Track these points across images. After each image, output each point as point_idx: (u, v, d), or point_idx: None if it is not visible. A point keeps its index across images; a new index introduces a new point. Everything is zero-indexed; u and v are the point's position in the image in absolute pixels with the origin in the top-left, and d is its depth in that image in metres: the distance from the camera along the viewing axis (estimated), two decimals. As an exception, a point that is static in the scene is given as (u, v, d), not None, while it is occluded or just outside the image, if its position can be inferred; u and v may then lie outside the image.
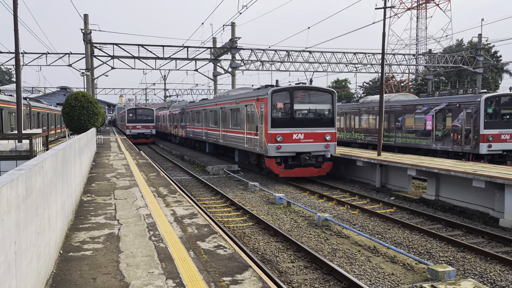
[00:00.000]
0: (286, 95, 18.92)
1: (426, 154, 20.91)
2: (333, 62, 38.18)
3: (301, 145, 18.71)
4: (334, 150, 19.47)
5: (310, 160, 18.87)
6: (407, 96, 25.86)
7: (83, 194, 10.57)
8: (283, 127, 18.54)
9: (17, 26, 16.35)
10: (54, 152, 5.76)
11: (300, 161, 18.80)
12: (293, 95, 18.88)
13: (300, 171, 18.88)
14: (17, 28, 16.34)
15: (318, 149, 18.91)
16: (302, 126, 18.77)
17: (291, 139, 18.57)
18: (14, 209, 3.15)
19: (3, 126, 20.88)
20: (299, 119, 19.03)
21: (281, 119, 18.72)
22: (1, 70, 78.58)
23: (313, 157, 18.98)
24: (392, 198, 16.00)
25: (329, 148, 19.08)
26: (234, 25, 35.04)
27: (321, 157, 19.13)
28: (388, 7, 17.13)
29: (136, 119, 44.34)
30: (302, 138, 18.71)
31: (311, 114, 19.44)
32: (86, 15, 32.58)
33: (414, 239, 10.54)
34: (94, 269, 5.33)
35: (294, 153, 18.72)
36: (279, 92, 18.84)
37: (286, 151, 18.51)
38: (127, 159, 19.19)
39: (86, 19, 32.54)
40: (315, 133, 18.89)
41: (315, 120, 19.19)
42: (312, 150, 18.85)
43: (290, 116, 18.83)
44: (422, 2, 59.48)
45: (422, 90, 49.11)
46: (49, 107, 37.00)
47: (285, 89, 19.20)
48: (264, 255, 9.22)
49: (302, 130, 18.70)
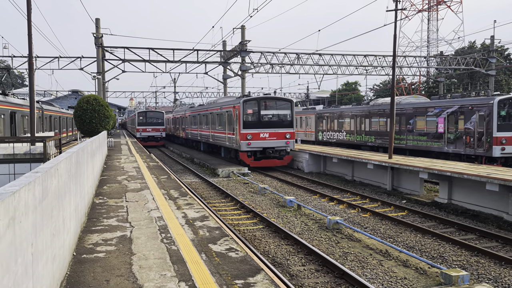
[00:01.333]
0: (255, 103, 23.77)
1: (438, 157, 20.74)
2: (343, 65, 38.08)
3: (267, 142, 23.55)
4: (293, 146, 24.28)
5: (273, 153, 23.86)
6: (418, 98, 25.67)
7: (95, 196, 10.65)
8: (253, 128, 23.39)
9: (30, 30, 16.56)
10: (68, 155, 5.82)
11: (266, 154, 23.75)
12: (260, 103, 23.88)
13: (266, 162, 23.92)
14: (31, 33, 16.54)
15: (280, 145, 23.79)
16: (267, 127, 23.62)
17: (259, 137, 23.40)
18: (31, 211, 3.19)
19: (16, 129, 21.13)
20: (265, 122, 23.80)
21: (251, 122, 23.54)
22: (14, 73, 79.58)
23: (276, 151, 23.90)
24: (404, 201, 15.89)
25: (289, 144, 23.94)
26: (244, 28, 35.12)
27: (283, 151, 24.06)
28: (399, 9, 17.05)
29: (146, 122, 44.59)
30: (267, 137, 23.56)
31: (274, 118, 24.15)
32: (98, 19, 32.88)
33: (426, 243, 10.45)
34: (107, 271, 5.37)
35: (261, 148, 23.59)
36: (249, 101, 23.69)
37: (255, 146, 23.39)
38: (137, 162, 19.30)
39: (98, 23, 32.85)
40: (277, 132, 23.71)
41: (278, 122, 23.99)
42: (275, 145, 23.70)
43: (258, 119, 23.62)
44: (433, 4, 59.11)
45: (434, 93, 48.75)
46: (61, 110, 37.39)
47: (254, 99, 24.08)
48: (275, 258, 9.21)
49: (267, 130, 23.58)
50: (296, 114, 38.18)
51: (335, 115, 31.24)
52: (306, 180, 21.03)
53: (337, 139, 30.79)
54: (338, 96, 74.11)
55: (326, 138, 32.47)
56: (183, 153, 33.87)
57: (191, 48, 35.08)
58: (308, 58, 37.19)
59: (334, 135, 31.26)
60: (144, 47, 33.84)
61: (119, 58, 34.27)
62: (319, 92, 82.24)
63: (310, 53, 36.93)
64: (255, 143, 23.27)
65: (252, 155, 23.71)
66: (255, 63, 36.48)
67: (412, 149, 23.03)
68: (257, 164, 23.78)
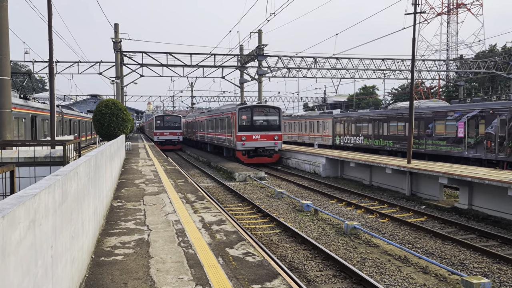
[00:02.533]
0: (249, 111, 28.13)
1: (458, 162, 20.39)
2: (360, 69, 37.83)
3: (258, 142, 27.72)
4: (281, 146, 28.49)
5: (264, 152, 28.10)
6: (438, 102, 25.33)
7: (113, 199, 10.75)
8: (246, 131, 27.59)
9: (51, 36, 16.87)
10: (87, 158, 5.87)
11: (257, 152, 27.94)
12: (253, 110, 28.23)
13: (258, 159, 28.10)
14: (52, 38, 16.85)
15: (269, 145, 28.00)
16: (258, 130, 27.83)
17: (252, 138, 27.57)
18: (51, 214, 3.22)
19: (37, 133, 21.51)
20: (257, 126, 27.94)
21: (245, 126, 27.72)
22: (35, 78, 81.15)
23: (266, 150, 28.13)
24: (423, 206, 15.65)
25: (277, 144, 28.16)
26: (261, 33, 35.18)
27: (272, 150, 28.29)
28: (418, 13, 16.86)
29: (163, 126, 44.93)
30: (259, 138, 27.72)
31: (264, 122, 28.26)
32: (117, 24, 33.34)
33: (446, 249, 10.26)
34: (125, 274, 5.39)
35: (253, 148, 27.77)
36: (243, 109, 28.19)
37: (248, 146, 27.55)
38: (155, 166, 19.44)
39: (117, 28, 33.30)
40: (267, 135, 27.93)
41: (267, 126, 28.15)
42: (265, 146, 27.92)
43: (251, 124, 27.85)
44: (453, 7, 58.33)
45: (453, 97, 48.07)
46: (80, 114, 37.95)
47: (248, 107, 28.48)
48: (292, 263, 9.14)
49: (258, 133, 27.77)
50: (312, 118, 38.23)
51: (353, 119, 31.01)
52: (323, 185, 20.90)
53: (355, 144, 30.54)
54: (355, 100, 73.63)
55: (343, 143, 32.23)
56: (200, 157, 34.04)
57: (209, 53, 35.28)
58: (325, 62, 37.06)
59: (352, 140, 31.02)
60: (162, 52, 34.15)
61: (137, 63, 34.67)
62: (336, 96, 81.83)
63: (327, 57, 36.79)
64: (248, 143, 27.50)
65: (246, 153, 27.88)
66: (272, 67, 36.51)
67: (431, 154, 22.70)
68: (250, 161, 27.95)
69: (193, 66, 35.39)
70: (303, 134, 40.53)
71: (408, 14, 17.84)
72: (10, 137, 11.25)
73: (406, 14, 18.19)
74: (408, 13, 17.82)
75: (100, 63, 35.86)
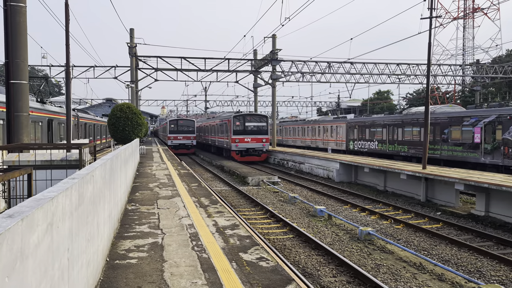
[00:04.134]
0: (242, 118, 33.91)
1: (474, 168, 20.09)
2: (375, 73, 37.61)
3: (249, 144, 33.51)
4: (268, 147, 34.48)
5: (253, 152, 33.94)
6: (454, 107, 25.03)
7: (127, 203, 10.82)
8: (240, 135, 33.38)
9: (68, 40, 17.12)
10: (103, 162, 5.92)
11: (248, 152, 33.73)
12: (245, 118, 34.01)
13: (249, 158, 33.81)
14: (69, 43, 17.10)
15: (258, 146, 33.84)
16: (249, 134, 33.58)
17: (244, 141, 33.35)
18: (68, 216, 3.25)
19: (53, 136, 21.80)
20: (248, 131, 33.68)
21: (239, 130, 33.56)
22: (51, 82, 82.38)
23: (255, 151, 33.93)
24: (438, 213, 15.44)
25: (265, 146, 34.00)
26: (275, 37, 35.24)
27: (260, 151, 34.14)
28: (434, 17, 16.71)
29: (177, 130, 45.15)
30: (250, 141, 33.50)
31: (255, 128, 33.87)
32: (132, 29, 33.71)
33: (462, 257, 10.10)
34: (139, 277, 5.41)
35: (245, 149, 33.53)
36: (237, 116, 34.13)
37: (241, 147, 33.36)
38: (169, 169, 19.54)
39: (132, 33, 33.67)
40: (257, 138, 33.69)
41: (257, 131, 33.86)
42: (255, 147, 33.72)
43: (243, 129, 33.62)
44: (469, 11, 57.71)
45: (469, 102, 47.47)
46: (95, 118, 38.38)
47: (241, 115, 34.50)
48: (305, 269, 9.09)
49: (249, 136, 33.54)
50: (326, 123, 38.10)
51: (367, 124, 30.81)
52: (336, 190, 20.77)
53: (369, 149, 30.32)
54: (369, 105, 73.18)
55: (357, 148, 32.03)
56: (213, 161, 34.15)
57: (223, 57, 35.46)
58: (339, 66, 36.94)
59: (366, 145, 30.80)
60: (176, 56, 34.43)
61: (152, 67, 34.98)
62: (350, 101, 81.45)
63: (341, 61, 36.67)
64: (241, 145, 33.26)
65: (239, 153, 33.58)
66: (285, 71, 36.51)
67: (446, 160, 22.42)
68: (242, 159, 33.48)
69: (207, 70, 35.59)
70: (316, 138, 40.38)
71: (424, 18, 17.71)
72: (27, 140, 11.42)
73: (422, 18, 18.05)
74: (424, 18, 17.68)
75: (115, 68, 36.26)
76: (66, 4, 16.67)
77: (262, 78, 38.70)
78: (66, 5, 16.67)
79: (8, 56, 10.78)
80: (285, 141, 49.82)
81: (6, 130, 11.35)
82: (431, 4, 16.74)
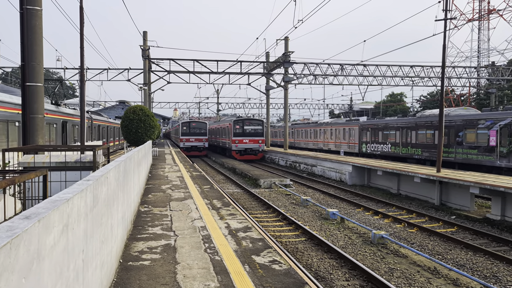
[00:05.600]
0: (241, 122, 38.95)
1: (489, 171, 19.81)
2: (388, 76, 37.35)
3: (247, 145, 38.67)
4: (264, 148, 39.46)
5: (251, 152, 39.03)
6: (468, 110, 24.72)
7: (140, 204, 10.88)
8: (239, 136, 38.50)
9: (83, 44, 17.29)
10: (117, 164, 5.95)
11: (247, 152, 38.84)
12: (244, 122, 39.01)
13: (247, 156, 38.83)
14: (83, 46, 17.27)
15: (255, 147, 38.93)
16: (247, 136, 38.63)
17: (242, 142, 38.52)
18: (83, 218, 3.26)
19: (67, 138, 22.04)
20: (246, 133, 38.72)
21: (238, 133, 38.57)
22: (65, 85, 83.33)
23: (252, 150, 39.06)
24: (453, 217, 15.25)
25: (261, 146, 38.98)
26: (288, 40, 35.21)
27: (257, 150, 39.22)
28: (449, 19, 16.54)
29: (189, 132, 45.31)
30: (248, 142, 38.60)
31: (252, 130, 38.89)
32: (145, 32, 33.95)
33: (478, 261, 9.95)
34: (153, 279, 5.42)
35: (244, 149, 38.70)
36: (237, 121, 39.15)
37: (240, 147, 38.51)
38: (181, 171, 19.61)
39: (145, 36, 33.91)
40: (254, 139, 38.76)
41: (254, 133, 38.92)
42: (252, 147, 38.83)
43: (242, 131, 38.63)
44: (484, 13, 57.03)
45: (485, 105, 46.86)
46: (108, 120, 38.70)
47: (240, 120, 39.43)
48: (318, 272, 9.03)
49: (247, 138, 38.59)
50: (338, 125, 37.97)
51: (380, 127, 30.58)
52: (349, 193, 20.64)
53: (382, 152, 30.09)
54: (382, 107, 72.68)
55: (370, 150, 31.81)
56: (225, 163, 34.22)
57: (235, 60, 35.52)
58: (352, 69, 36.76)
59: (379, 147, 30.58)
60: (189, 59, 34.59)
61: (164, 70, 35.18)
62: (362, 104, 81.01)
63: (354, 63, 36.49)
64: (240, 145, 38.51)
65: (238, 152, 38.79)
66: (298, 74, 36.45)
67: (461, 163, 22.14)
68: (241, 158, 38.63)
69: (219, 73, 35.69)
70: (328, 141, 40.21)
71: (438, 20, 17.53)
72: (42, 142, 11.54)
73: (436, 20, 17.87)
74: (438, 19, 17.51)
75: (128, 70, 36.56)
76: (81, 8, 16.85)
77: (274, 81, 38.68)
78: (81, 8, 16.84)
79: (24, 58, 10.92)
80: (297, 144, 49.71)
81: (21, 131, 11.50)
82: (446, 5, 16.57)
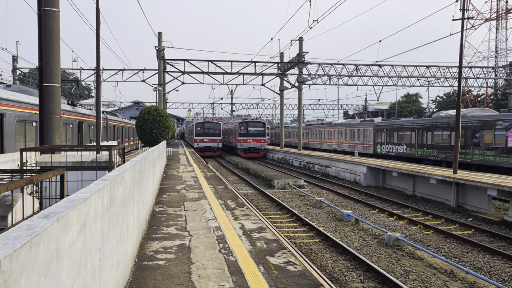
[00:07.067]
0: (246, 124, 43.66)
1: (507, 173, 19.47)
2: (403, 76, 36.99)
3: (251, 144, 43.43)
4: (266, 146, 44.67)
5: (254, 150, 43.62)
6: (486, 111, 24.35)
7: (155, 204, 10.94)
8: (244, 136, 43.26)
9: (99, 45, 17.47)
10: (133, 163, 5.99)
11: (250, 150, 43.49)
12: (248, 124, 43.82)
13: (250, 154, 43.45)
14: (99, 47, 17.45)
15: (258, 146, 43.62)
16: (251, 136, 43.42)
17: (247, 141, 43.26)
18: (100, 217, 3.29)
19: (83, 138, 22.29)
20: (250, 133, 43.52)
21: (243, 133, 43.35)
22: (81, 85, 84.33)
23: (255, 149, 43.67)
24: (470, 219, 15.02)
25: (263, 145, 43.86)
26: (302, 40, 35.11)
27: (259, 149, 43.88)
28: (466, 18, 16.31)
29: (203, 132, 45.47)
30: (251, 141, 43.37)
31: (255, 131, 43.75)
32: (160, 33, 34.17)
33: (496, 264, 9.79)
34: (167, 279, 5.44)
35: (248, 147, 43.42)
36: (242, 123, 43.77)
37: (244, 146, 43.29)
38: (195, 172, 19.68)
39: (160, 37, 34.13)
40: (257, 139, 43.52)
41: (257, 134, 43.74)
42: (255, 146, 43.49)
43: (246, 132, 43.45)
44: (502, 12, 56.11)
45: (502, 105, 46.10)
46: (124, 120, 39.05)
47: (245, 122, 44.06)
48: (332, 273, 8.97)
49: (251, 138, 43.37)
50: (353, 126, 37.73)
51: (395, 128, 30.30)
52: (364, 194, 20.49)
53: (397, 153, 29.80)
54: (397, 108, 72.01)
55: (385, 151, 31.53)
56: (238, 164, 34.25)
57: (249, 60, 35.55)
58: (367, 69, 36.50)
59: (394, 148, 30.29)
60: (203, 60, 34.70)
61: (179, 70, 35.36)
62: (377, 104, 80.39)
63: (369, 64, 36.23)
64: (244, 144, 43.33)
65: (243, 151, 43.46)
66: (312, 74, 36.31)
67: (478, 164, 21.81)
68: (245, 156, 43.11)
69: (233, 73, 35.74)
70: (343, 142, 39.98)
71: (455, 20, 17.30)
72: (59, 142, 11.69)
73: (453, 20, 17.64)
74: (455, 19, 17.28)
75: (143, 71, 36.85)
76: (97, 9, 17.02)
77: (288, 81, 38.61)
78: (97, 9, 17.01)
79: (42, 59, 11.08)
80: (311, 145, 49.54)
81: (39, 131, 11.66)
82: (463, 5, 16.35)
